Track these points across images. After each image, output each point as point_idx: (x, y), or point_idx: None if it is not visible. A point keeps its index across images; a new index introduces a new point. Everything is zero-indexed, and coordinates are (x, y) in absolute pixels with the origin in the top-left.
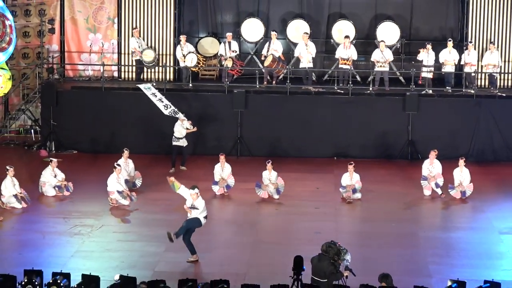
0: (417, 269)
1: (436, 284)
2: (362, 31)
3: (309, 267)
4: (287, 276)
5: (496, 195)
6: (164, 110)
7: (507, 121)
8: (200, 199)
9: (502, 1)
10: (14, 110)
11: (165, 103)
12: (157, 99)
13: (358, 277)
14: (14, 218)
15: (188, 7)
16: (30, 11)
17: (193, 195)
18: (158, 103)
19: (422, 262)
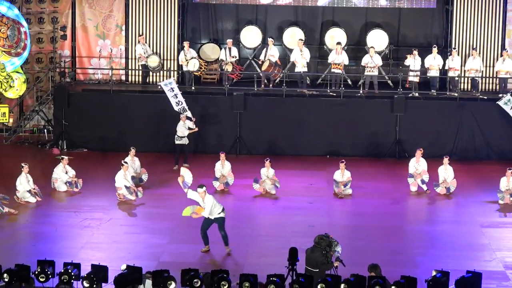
0: (404, 260)
1: (422, 274)
2: (353, 38)
3: (304, 258)
4: (282, 267)
5: (478, 191)
6: (175, 106)
7: (488, 122)
8: (208, 196)
9: (483, 10)
10: (28, 111)
11: (178, 100)
12: (173, 95)
13: (349, 267)
14: (28, 212)
15: (191, 15)
16: (44, 18)
17: (201, 193)
18: (172, 98)
19: (408, 254)
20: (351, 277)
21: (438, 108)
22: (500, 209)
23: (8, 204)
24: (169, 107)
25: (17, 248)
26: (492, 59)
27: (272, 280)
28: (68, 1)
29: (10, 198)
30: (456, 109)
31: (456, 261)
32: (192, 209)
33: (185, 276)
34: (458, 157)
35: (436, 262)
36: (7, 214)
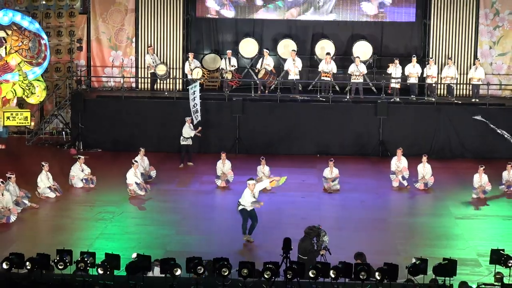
0: (386, 248)
1: (403, 261)
2: (340, 48)
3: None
4: (277, 255)
5: (453, 186)
6: (191, 108)
7: (462, 124)
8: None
9: (457, 24)
10: (48, 115)
11: (194, 103)
12: (192, 97)
13: (337, 254)
14: (48, 206)
15: (195, 29)
16: (62, 32)
17: (251, 185)
18: (191, 101)
19: (391, 243)
20: (339, 264)
21: (417, 111)
22: (473, 203)
23: (30, 199)
24: (175, 112)
25: (38, 239)
26: (466, 68)
27: (268, 267)
28: (83, 16)
29: (32, 194)
30: (434, 113)
31: (434, 250)
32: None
33: (189, 264)
34: (435, 156)
35: (415, 250)
36: (29, 208)
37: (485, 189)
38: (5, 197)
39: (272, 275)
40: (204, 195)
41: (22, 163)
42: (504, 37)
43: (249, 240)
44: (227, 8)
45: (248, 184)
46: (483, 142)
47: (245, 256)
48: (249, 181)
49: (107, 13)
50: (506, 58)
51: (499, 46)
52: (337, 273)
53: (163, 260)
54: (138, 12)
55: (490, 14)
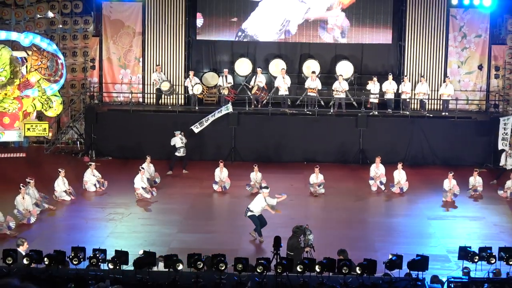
0: (366, 246)
1: (381, 257)
2: (325, 67)
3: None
4: (269, 252)
5: (425, 190)
6: (205, 120)
7: (433, 135)
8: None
9: (429, 45)
10: (64, 127)
11: (208, 118)
12: (213, 114)
13: (321, 251)
14: (64, 208)
15: (195, 50)
16: (77, 52)
17: (265, 193)
18: (211, 116)
19: (370, 241)
20: (324, 260)
21: (393, 124)
22: (444, 205)
23: (48, 201)
24: (177, 123)
25: (54, 237)
26: (437, 85)
27: (261, 262)
28: (96, 38)
29: (50, 197)
30: (408, 125)
31: (408, 247)
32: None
33: (190, 259)
34: (409, 163)
35: (392, 247)
36: (47, 210)
37: (454, 193)
38: (26, 200)
39: (264, 270)
40: (203, 198)
41: (41, 169)
42: (471, 58)
43: (261, 241)
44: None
45: (263, 192)
46: (452, 151)
47: (240, 252)
48: (264, 189)
49: (117, 36)
50: (472, 76)
51: (466, 66)
52: (322, 267)
53: (166, 256)
54: (145, 35)
55: (458, 37)
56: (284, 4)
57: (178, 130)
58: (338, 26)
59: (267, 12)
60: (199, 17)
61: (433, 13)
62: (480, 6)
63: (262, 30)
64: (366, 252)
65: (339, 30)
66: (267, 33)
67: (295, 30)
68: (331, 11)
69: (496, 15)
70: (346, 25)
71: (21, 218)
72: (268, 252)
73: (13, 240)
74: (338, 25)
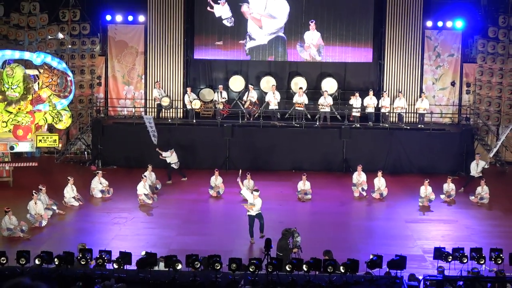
0: (349, 246)
1: (363, 257)
2: (311, 84)
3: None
4: (261, 252)
5: (403, 196)
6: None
7: (410, 145)
8: (258, 199)
9: (406, 64)
10: (73, 138)
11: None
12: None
13: (308, 252)
14: (73, 212)
15: (193, 68)
16: (84, 70)
17: (256, 196)
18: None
19: (353, 242)
20: (310, 260)
21: (373, 135)
22: (420, 209)
23: (58, 207)
24: (176, 135)
25: (64, 239)
26: (413, 99)
27: (253, 262)
28: (102, 58)
29: (59, 202)
30: (387, 136)
31: (388, 248)
32: (247, 206)
33: (188, 260)
34: (388, 171)
35: (373, 248)
36: (57, 214)
37: (429, 198)
38: (38, 205)
39: (256, 269)
40: (200, 203)
41: (52, 177)
42: (444, 75)
43: (252, 242)
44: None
45: (253, 194)
46: (427, 160)
47: (234, 253)
48: (255, 192)
49: (121, 55)
50: (445, 92)
51: (440, 82)
52: (309, 267)
53: (166, 257)
54: (146, 54)
55: (433, 56)
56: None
57: (171, 148)
58: (314, 44)
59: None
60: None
61: (410, 34)
62: (452, 28)
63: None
64: (349, 252)
65: (315, 48)
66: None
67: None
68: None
69: (467, 36)
70: (321, 44)
71: (33, 222)
72: (260, 252)
73: (26, 242)
74: (314, 43)
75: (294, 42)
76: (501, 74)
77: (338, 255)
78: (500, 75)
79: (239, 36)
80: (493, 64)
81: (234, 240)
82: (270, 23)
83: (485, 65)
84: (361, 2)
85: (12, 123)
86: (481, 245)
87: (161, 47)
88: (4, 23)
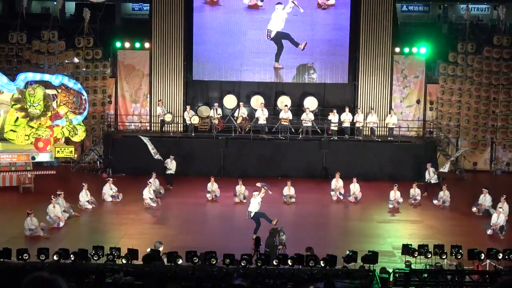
0: (329, 243)
1: (340, 252)
2: (295, 102)
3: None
4: (251, 249)
5: (375, 199)
6: (152, 151)
7: (381, 155)
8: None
9: (377, 84)
10: (87, 150)
11: (152, 147)
12: (150, 145)
13: (292, 248)
14: (87, 214)
15: (192, 88)
16: (97, 90)
17: (256, 196)
18: (150, 148)
19: (331, 240)
20: (294, 255)
21: (349, 146)
22: (390, 211)
23: (74, 209)
24: (177, 147)
25: (79, 238)
26: (384, 115)
27: (244, 258)
28: (112, 79)
29: (75, 205)
30: (361, 147)
31: (362, 244)
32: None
33: (188, 255)
34: (362, 177)
35: (349, 245)
36: (73, 216)
37: (398, 201)
38: (56, 208)
39: (247, 263)
40: (198, 206)
41: (68, 184)
42: (410, 94)
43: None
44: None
45: (254, 195)
46: (396, 168)
47: (228, 250)
48: (254, 192)
49: (129, 77)
50: (411, 109)
51: (407, 100)
52: (293, 261)
53: (169, 253)
54: (151, 76)
55: (401, 77)
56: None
57: (172, 155)
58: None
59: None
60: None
61: (380, 59)
62: (417, 53)
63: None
64: (328, 249)
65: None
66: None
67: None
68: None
69: (430, 61)
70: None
71: (52, 223)
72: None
73: (46, 241)
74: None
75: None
76: (460, 93)
77: (318, 251)
78: (459, 94)
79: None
80: (453, 85)
81: (228, 238)
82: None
83: (446, 86)
84: (338, 31)
85: (33, 136)
86: (443, 242)
87: (164, 70)
88: (27, 49)
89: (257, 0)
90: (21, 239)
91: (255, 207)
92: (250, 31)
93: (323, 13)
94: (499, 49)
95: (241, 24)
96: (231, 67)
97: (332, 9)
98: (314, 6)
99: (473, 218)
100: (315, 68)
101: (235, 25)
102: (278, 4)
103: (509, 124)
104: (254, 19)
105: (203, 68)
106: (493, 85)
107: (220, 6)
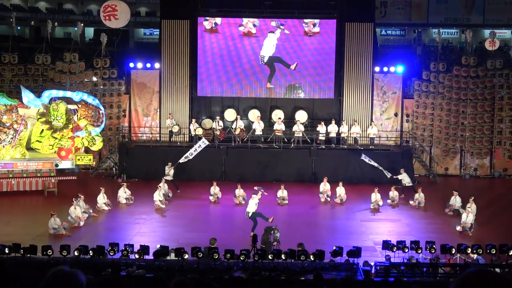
0: (317, 240)
1: (328, 248)
2: (287, 115)
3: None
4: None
5: (358, 200)
6: (190, 153)
7: (363, 162)
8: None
9: (360, 100)
10: (104, 158)
11: (192, 152)
12: (195, 148)
13: (285, 244)
14: (103, 215)
15: (196, 103)
16: (113, 105)
17: (254, 197)
18: (193, 149)
19: (320, 237)
20: (287, 250)
21: (335, 154)
22: (371, 211)
23: (92, 210)
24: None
25: (97, 236)
26: (366, 126)
27: (243, 253)
28: (126, 95)
29: (93, 207)
30: (346, 155)
31: (347, 241)
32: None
33: (193, 251)
34: (347, 181)
35: (335, 241)
36: (91, 216)
37: (378, 203)
38: (77, 210)
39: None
40: (202, 207)
41: (87, 188)
42: (389, 108)
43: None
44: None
45: (252, 197)
46: (376, 173)
47: (229, 246)
48: (253, 195)
49: (141, 93)
50: (390, 121)
51: (386, 113)
52: (286, 256)
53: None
54: (161, 93)
55: (380, 93)
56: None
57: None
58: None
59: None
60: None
61: (362, 77)
62: (395, 72)
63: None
64: (317, 245)
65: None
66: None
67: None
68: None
69: (406, 78)
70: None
71: (73, 222)
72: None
73: (67, 238)
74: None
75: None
76: (433, 107)
77: (309, 246)
78: (432, 107)
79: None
80: (426, 100)
81: (229, 235)
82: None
83: (420, 100)
84: (324, 54)
85: (57, 146)
86: (419, 238)
87: (172, 87)
88: (51, 69)
89: (251, 28)
90: (45, 237)
91: (252, 207)
92: (245, 54)
93: (310, 39)
94: (466, 68)
95: (237, 48)
96: (231, 85)
97: (318, 35)
98: (301, 33)
99: (445, 217)
100: (302, 87)
101: (233, 49)
102: (270, 32)
103: (476, 134)
104: (249, 44)
105: (206, 85)
106: (461, 100)
107: (219, 33)
